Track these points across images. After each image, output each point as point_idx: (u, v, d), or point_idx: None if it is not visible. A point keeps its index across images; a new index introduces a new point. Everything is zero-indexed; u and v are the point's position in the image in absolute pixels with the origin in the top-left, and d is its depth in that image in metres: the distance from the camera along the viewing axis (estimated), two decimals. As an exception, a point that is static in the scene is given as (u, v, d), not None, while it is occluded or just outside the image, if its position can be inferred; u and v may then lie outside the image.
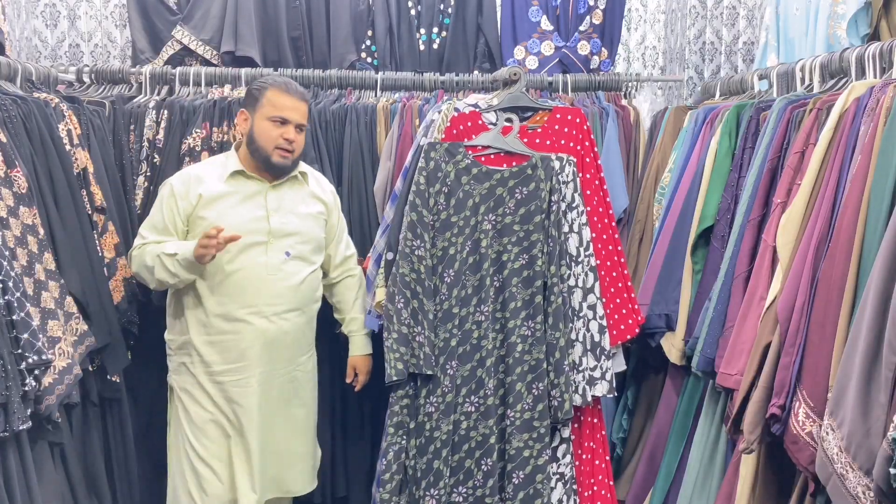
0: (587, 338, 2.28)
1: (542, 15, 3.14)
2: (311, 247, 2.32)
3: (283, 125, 2.21)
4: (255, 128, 2.22)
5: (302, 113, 2.24)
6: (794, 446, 1.65)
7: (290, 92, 2.22)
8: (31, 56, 3.32)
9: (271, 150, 2.20)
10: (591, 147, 2.39)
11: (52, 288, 1.95)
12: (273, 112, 2.20)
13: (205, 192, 2.20)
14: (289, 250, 2.26)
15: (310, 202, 2.34)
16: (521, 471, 2.17)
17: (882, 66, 1.83)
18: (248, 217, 2.21)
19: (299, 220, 2.29)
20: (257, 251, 2.22)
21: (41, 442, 1.94)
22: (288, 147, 2.21)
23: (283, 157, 2.22)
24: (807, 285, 1.70)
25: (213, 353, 2.22)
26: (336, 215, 2.44)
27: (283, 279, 2.25)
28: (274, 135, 2.20)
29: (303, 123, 2.25)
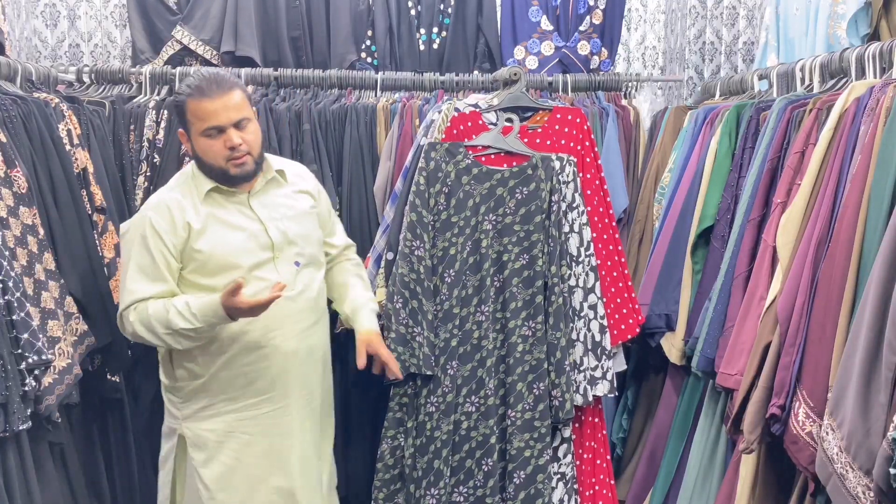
0: (588, 337, 2.28)
1: (542, 15, 3.14)
2: (315, 248, 2.08)
3: (219, 134, 1.86)
4: (196, 149, 1.90)
5: (234, 107, 1.85)
6: (793, 446, 1.65)
7: (208, 93, 1.83)
8: (31, 56, 3.32)
9: (223, 164, 1.88)
10: (591, 147, 2.39)
11: (52, 288, 1.95)
12: (202, 126, 1.85)
13: (191, 220, 1.90)
14: (298, 259, 2.00)
15: (298, 199, 2.06)
16: (522, 471, 2.17)
17: (882, 66, 1.83)
18: (244, 236, 1.93)
19: (296, 223, 2.02)
20: (266, 270, 1.94)
21: (41, 442, 1.94)
22: (238, 154, 1.86)
23: (240, 165, 1.88)
24: (807, 285, 1.70)
25: (239, 387, 1.96)
26: (325, 203, 2.18)
27: (301, 292, 2.00)
28: (216, 149, 1.86)
29: (241, 118, 1.86)
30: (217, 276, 1.91)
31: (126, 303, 1.89)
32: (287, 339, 1.98)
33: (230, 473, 1.97)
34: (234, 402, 1.97)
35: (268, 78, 2.85)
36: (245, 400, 1.97)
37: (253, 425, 1.98)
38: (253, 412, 1.98)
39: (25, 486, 1.84)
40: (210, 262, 1.90)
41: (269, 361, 1.96)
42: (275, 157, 2.11)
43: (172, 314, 1.83)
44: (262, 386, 1.97)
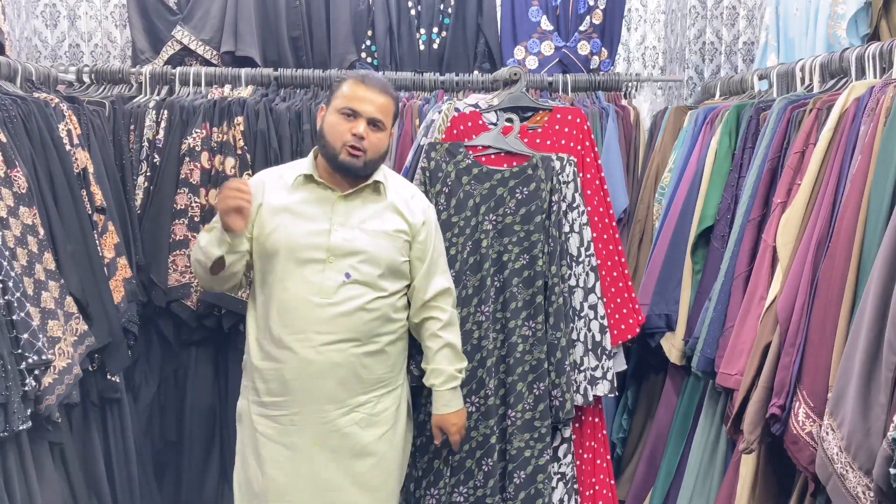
0: (588, 337, 2.28)
1: (542, 15, 3.14)
2: (380, 271, 1.94)
3: (353, 118, 1.89)
4: (325, 122, 1.93)
5: (378, 107, 1.90)
6: (794, 446, 1.65)
7: (367, 82, 1.91)
8: (31, 56, 3.32)
9: (338, 147, 1.89)
10: (591, 147, 2.39)
11: (52, 288, 1.95)
12: (343, 103, 1.90)
13: (268, 198, 1.94)
14: (349, 272, 1.91)
15: (387, 217, 1.97)
16: (523, 471, 2.17)
17: (882, 66, 1.83)
18: (308, 230, 1.91)
19: (368, 238, 1.93)
20: (313, 270, 1.91)
21: (41, 442, 1.94)
22: (357, 144, 1.87)
23: (352, 155, 1.88)
24: (807, 285, 1.70)
25: (260, 380, 1.96)
26: (425, 237, 2.02)
27: (337, 305, 1.90)
28: (341, 129, 1.89)
29: (379, 119, 1.90)
30: (271, 259, 1.93)
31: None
32: (305, 347, 1.91)
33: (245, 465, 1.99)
34: (256, 394, 1.97)
35: (268, 78, 2.85)
36: (264, 396, 1.96)
37: (266, 425, 1.96)
38: (269, 411, 1.95)
39: (25, 485, 1.84)
40: (268, 241, 1.92)
41: (285, 365, 1.92)
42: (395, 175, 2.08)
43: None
44: (275, 388, 1.94)
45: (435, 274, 2.05)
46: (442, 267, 2.08)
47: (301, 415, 1.93)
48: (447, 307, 2.05)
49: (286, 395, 1.93)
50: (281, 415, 1.94)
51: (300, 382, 1.92)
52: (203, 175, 2.62)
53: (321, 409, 1.93)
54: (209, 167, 2.63)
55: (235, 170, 2.61)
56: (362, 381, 1.96)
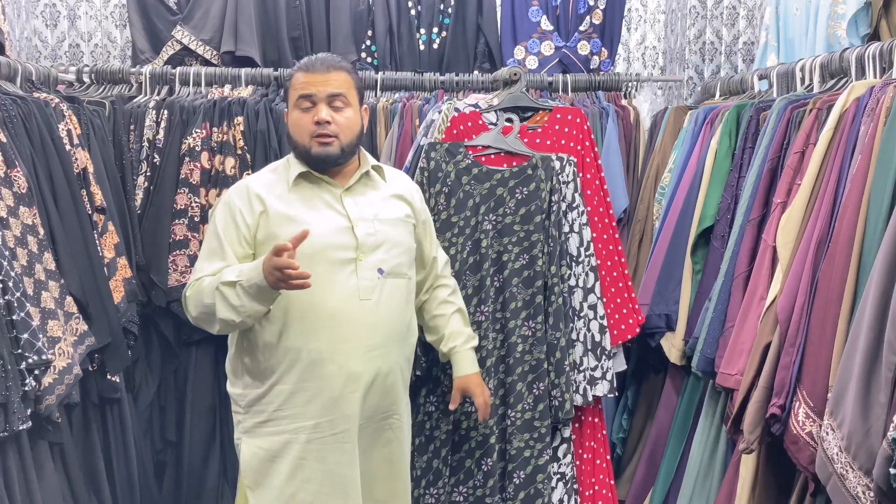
0: (588, 338, 2.28)
1: (542, 15, 3.14)
2: (406, 258, 1.88)
3: (311, 106, 1.78)
4: (289, 125, 1.83)
5: (332, 82, 1.77)
6: (793, 446, 1.65)
7: (311, 68, 1.79)
8: (31, 56, 3.32)
9: (307, 141, 1.78)
10: (591, 147, 2.39)
11: (52, 288, 1.95)
12: (296, 95, 1.79)
13: (269, 205, 1.78)
14: (382, 266, 1.81)
15: (394, 203, 1.90)
16: (522, 471, 2.17)
17: (882, 66, 1.83)
18: (330, 228, 1.78)
19: (389, 227, 1.85)
20: (345, 272, 1.78)
21: (41, 442, 1.94)
22: (323, 131, 1.76)
23: (324, 143, 1.77)
24: (807, 285, 1.70)
25: (299, 403, 1.77)
26: (425, 216, 2.00)
27: (380, 304, 1.80)
28: (304, 121, 1.78)
29: (337, 93, 1.77)
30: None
31: (189, 283, 1.79)
32: (352, 356, 1.77)
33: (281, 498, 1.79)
34: (294, 419, 1.78)
35: (268, 78, 2.85)
36: (306, 420, 1.78)
37: (313, 450, 1.78)
38: (313, 435, 1.78)
39: (25, 486, 1.84)
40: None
41: (331, 380, 1.77)
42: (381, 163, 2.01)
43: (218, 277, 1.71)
44: (322, 406, 1.77)
45: (438, 247, 2.08)
46: (436, 241, 2.10)
47: (350, 432, 1.80)
48: (449, 276, 2.08)
49: (334, 414, 1.78)
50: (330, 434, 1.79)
51: (351, 398, 1.78)
52: (203, 175, 2.62)
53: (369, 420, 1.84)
54: (209, 167, 2.63)
55: (235, 170, 2.61)
56: (397, 388, 1.89)
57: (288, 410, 1.78)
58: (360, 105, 1.88)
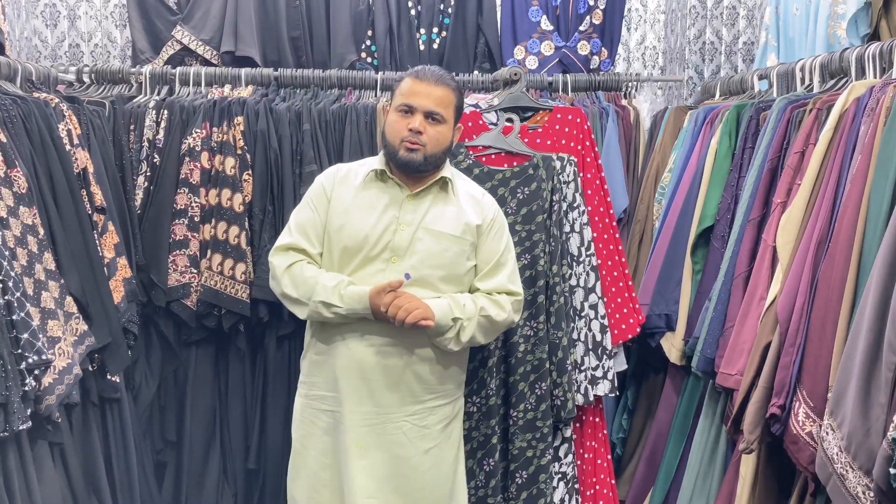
0: (589, 337, 2.28)
1: (541, 15, 3.14)
2: (441, 273, 1.91)
3: (409, 114, 1.89)
4: (386, 122, 1.94)
5: (435, 99, 1.88)
6: (793, 446, 1.65)
7: (421, 76, 1.90)
8: (31, 56, 3.32)
9: (397, 144, 1.89)
10: (591, 147, 2.39)
11: (52, 288, 1.95)
12: (400, 101, 1.90)
13: (338, 192, 1.95)
14: (410, 273, 1.89)
15: (455, 217, 1.94)
16: (525, 470, 2.18)
17: (882, 66, 1.83)
18: (374, 227, 1.90)
19: (433, 239, 1.91)
20: (376, 268, 1.90)
21: (41, 442, 1.94)
22: (413, 139, 1.86)
23: (410, 149, 1.87)
24: (807, 285, 1.70)
25: (316, 373, 1.96)
26: (492, 240, 1.96)
27: None
28: (398, 126, 1.89)
29: (436, 111, 1.88)
30: (335, 255, 1.93)
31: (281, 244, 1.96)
32: (359, 345, 1.89)
33: (299, 462, 1.99)
34: (311, 387, 1.98)
35: (268, 78, 2.85)
36: (315, 390, 1.97)
37: (317, 417, 1.96)
38: (318, 405, 1.96)
39: (25, 486, 1.84)
40: (335, 237, 1.92)
41: (334, 359, 1.92)
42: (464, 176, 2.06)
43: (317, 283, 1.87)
44: (324, 382, 1.94)
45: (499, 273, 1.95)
46: (511, 272, 1.98)
47: (344, 414, 1.91)
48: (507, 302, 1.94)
49: (335, 392, 1.92)
50: (326, 410, 1.94)
51: (347, 381, 1.90)
52: (203, 175, 2.62)
53: (366, 412, 1.90)
54: (209, 167, 2.63)
55: (235, 170, 2.61)
56: (412, 389, 1.92)
57: (311, 378, 1.99)
58: (456, 122, 1.98)
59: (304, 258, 1.94)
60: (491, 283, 1.95)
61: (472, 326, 1.89)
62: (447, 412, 1.98)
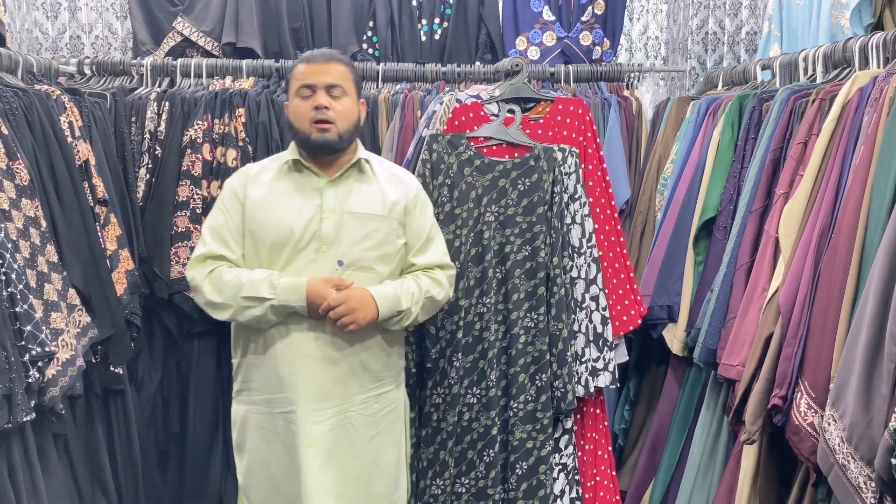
0: (590, 329, 2.28)
1: (543, 5, 3.13)
2: (375, 254, 1.91)
3: (311, 94, 1.87)
4: (290, 111, 1.92)
5: (331, 73, 1.87)
6: (795, 437, 1.65)
7: (312, 59, 1.90)
8: (31, 48, 3.31)
9: (307, 127, 1.86)
10: (593, 138, 2.38)
11: (55, 280, 1.95)
12: (297, 85, 1.88)
13: (253, 190, 1.91)
14: (342, 259, 1.88)
15: (378, 197, 1.93)
16: (525, 462, 2.18)
17: (886, 56, 1.82)
18: (298, 218, 1.87)
19: (359, 222, 1.90)
20: (306, 260, 1.87)
21: (45, 433, 1.95)
22: (322, 116, 1.84)
23: (322, 129, 1.85)
24: (809, 277, 1.69)
25: (256, 378, 1.92)
26: (419, 216, 1.98)
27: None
28: (303, 108, 1.86)
29: (336, 83, 1.86)
30: (261, 252, 1.89)
31: (199, 254, 1.91)
32: (303, 341, 1.86)
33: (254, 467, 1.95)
34: (252, 392, 1.93)
35: (269, 69, 2.84)
36: (260, 394, 1.91)
37: (268, 422, 1.91)
38: (266, 409, 1.91)
39: (30, 477, 1.85)
40: (257, 235, 1.89)
41: (279, 360, 1.87)
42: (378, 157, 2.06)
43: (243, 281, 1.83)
44: (272, 383, 1.89)
45: (429, 249, 1.99)
46: (439, 245, 2.02)
47: (293, 414, 1.87)
48: (442, 278, 1.98)
49: (281, 393, 1.88)
50: (279, 412, 1.89)
51: (294, 380, 1.86)
52: (205, 167, 2.62)
53: (317, 407, 1.87)
54: (211, 159, 2.63)
55: (237, 161, 2.61)
56: (359, 379, 1.92)
57: (250, 383, 1.94)
58: (358, 98, 1.96)
59: (223, 263, 1.89)
60: (427, 257, 1.98)
61: (416, 309, 1.92)
62: (392, 398, 1.99)
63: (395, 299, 1.88)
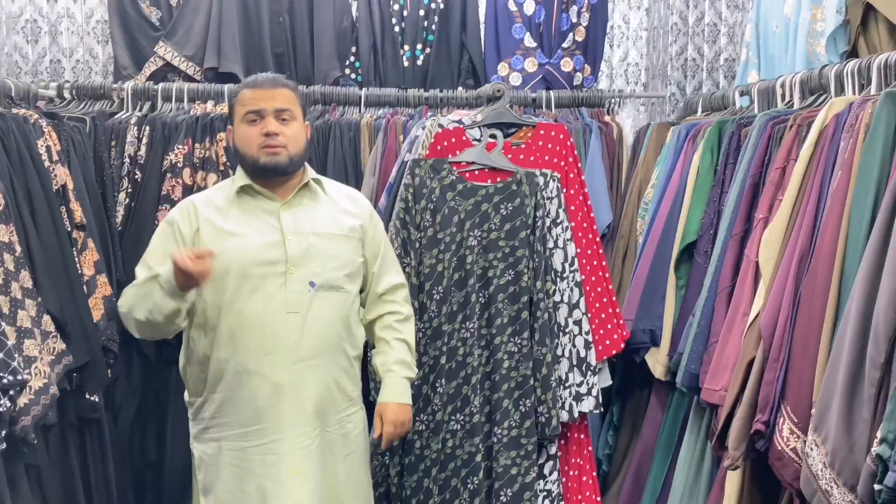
0: (573, 353, 2.27)
1: (525, 32, 3.16)
2: (343, 272, 1.90)
3: (259, 119, 1.85)
4: (235, 137, 1.90)
5: (279, 98, 1.86)
6: (778, 462, 1.65)
7: (258, 83, 1.88)
8: (11, 72, 3.29)
9: (255, 152, 1.84)
10: (574, 163, 2.40)
11: (29, 306, 1.92)
12: (244, 110, 1.86)
13: (205, 221, 1.86)
14: (313, 280, 1.85)
15: (337, 217, 1.93)
16: (509, 488, 2.16)
17: (861, 83, 1.86)
18: (259, 244, 1.84)
19: (326, 242, 1.88)
20: (274, 284, 1.83)
21: (16, 464, 1.90)
22: (272, 142, 1.83)
23: (272, 153, 1.83)
24: (789, 301, 1.70)
25: (226, 414, 1.85)
26: (373, 234, 2.00)
27: (308, 317, 1.83)
28: (252, 135, 1.84)
29: (284, 108, 1.86)
30: (221, 283, 1.81)
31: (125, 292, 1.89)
32: (277, 368, 1.82)
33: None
34: (223, 428, 1.85)
35: (251, 94, 2.83)
36: (233, 429, 1.84)
37: (241, 459, 1.84)
38: (240, 443, 1.84)
39: (0, 509, 1.80)
40: (218, 264, 1.78)
41: (256, 390, 1.82)
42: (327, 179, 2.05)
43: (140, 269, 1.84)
44: (241, 418, 1.83)
45: (388, 269, 2.02)
46: (394, 262, 2.05)
47: (278, 442, 1.83)
48: (403, 302, 2.03)
49: (260, 424, 1.83)
50: (256, 445, 1.83)
51: (275, 409, 1.82)
52: (185, 191, 2.59)
53: (298, 433, 1.84)
54: (191, 183, 2.61)
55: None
56: (335, 401, 1.90)
57: (220, 419, 1.86)
58: (304, 120, 1.95)
59: None
60: (387, 281, 2.01)
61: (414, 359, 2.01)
62: (360, 417, 1.99)
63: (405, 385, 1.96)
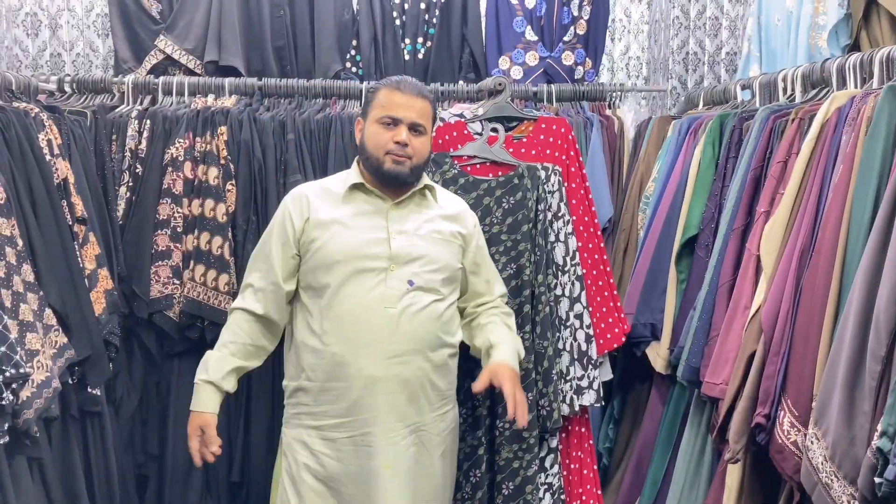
0: (574, 347, 2.28)
1: (526, 25, 3.15)
2: (442, 276, 1.93)
3: (393, 126, 1.88)
4: (365, 134, 1.92)
5: (418, 111, 1.89)
6: (779, 455, 1.65)
7: (402, 88, 1.90)
8: (11, 65, 3.28)
9: (381, 156, 1.88)
10: (576, 157, 2.39)
11: (31, 300, 1.92)
12: (381, 113, 1.89)
13: (315, 211, 1.91)
14: (412, 279, 1.88)
15: (441, 223, 1.97)
16: (511, 482, 2.16)
17: (862, 77, 1.85)
18: (365, 239, 1.88)
19: (427, 244, 1.92)
20: (374, 280, 1.86)
21: (19, 457, 1.91)
22: (400, 152, 1.87)
23: (397, 162, 1.87)
24: (790, 294, 1.70)
25: (321, 403, 1.88)
26: (476, 243, 2.04)
27: (405, 314, 1.86)
28: (383, 139, 1.87)
29: (419, 123, 1.89)
30: (327, 272, 1.87)
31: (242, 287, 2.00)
32: (372, 361, 1.84)
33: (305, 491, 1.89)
34: (317, 417, 1.89)
35: (252, 87, 2.83)
36: (326, 419, 1.88)
37: (333, 449, 1.88)
38: (333, 434, 1.88)
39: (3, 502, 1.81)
40: (322, 252, 1.87)
41: (350, 384, 1.85)
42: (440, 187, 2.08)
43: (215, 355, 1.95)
44: (338, 408, 1.87)
45: (497, 280, 2.11)
46: (494, 273, 2.11)
47: (371, 435, 1.86)
48: (503, 305, 2.09)
49: (353, 416, 1.86)
50: (347, 437, 1.87)
51: (368, 402, 1.85)
52: (186, 185, 2.60)
53: (391, 428, 1.87)
54: (192, 177, 2.61)
55: (219, 180, 2.59)
56: (429, 398, 1.92)
57: (315, 407, 1.89)
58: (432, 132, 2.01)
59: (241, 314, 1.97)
60: (495, 290, 2.08)
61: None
62: (454, 416, 2.03)
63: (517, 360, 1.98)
